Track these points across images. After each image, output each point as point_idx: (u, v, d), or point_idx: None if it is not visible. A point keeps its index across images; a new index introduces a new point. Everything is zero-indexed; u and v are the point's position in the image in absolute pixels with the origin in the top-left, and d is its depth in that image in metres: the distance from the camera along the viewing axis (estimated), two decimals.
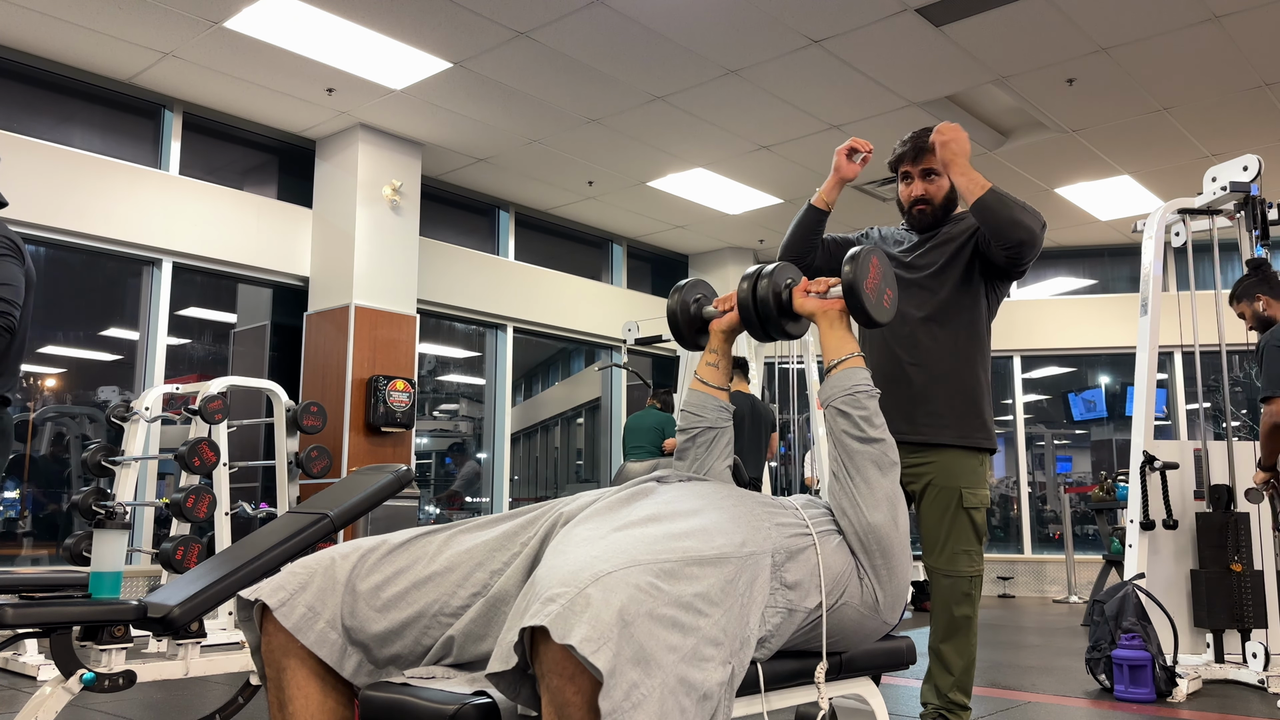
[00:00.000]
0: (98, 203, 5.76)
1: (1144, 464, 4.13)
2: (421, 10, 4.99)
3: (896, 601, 1.65)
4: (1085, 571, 8.43)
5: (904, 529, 1.66)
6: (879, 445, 1.69)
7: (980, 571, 2.52)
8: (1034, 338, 9.17)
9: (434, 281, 7.30)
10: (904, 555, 1.65)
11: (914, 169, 2.61)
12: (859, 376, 1.74)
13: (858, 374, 1.74)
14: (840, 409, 1.72)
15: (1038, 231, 2.43)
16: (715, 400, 1.92)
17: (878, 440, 1.69)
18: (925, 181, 2.59)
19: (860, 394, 1.72)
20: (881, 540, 1.62)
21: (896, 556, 1.63)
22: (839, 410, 1.72)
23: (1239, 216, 4.26)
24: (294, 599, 1.41)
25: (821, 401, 1.78)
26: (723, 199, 7.88)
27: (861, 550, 1.62)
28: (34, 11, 5.07)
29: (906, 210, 2.65)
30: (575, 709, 1.12)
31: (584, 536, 1.33)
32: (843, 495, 1.67)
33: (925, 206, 2.60)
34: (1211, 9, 4.95)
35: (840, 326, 1.81)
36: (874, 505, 1.63)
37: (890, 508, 1.64)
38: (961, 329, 2.57)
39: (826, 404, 1.75)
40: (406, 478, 2.33)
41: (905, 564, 1.66)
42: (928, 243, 2.63)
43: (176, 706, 3.46)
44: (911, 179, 2.62)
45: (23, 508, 5.91)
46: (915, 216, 2.63)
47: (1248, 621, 3.96)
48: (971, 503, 2.50)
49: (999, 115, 6.51)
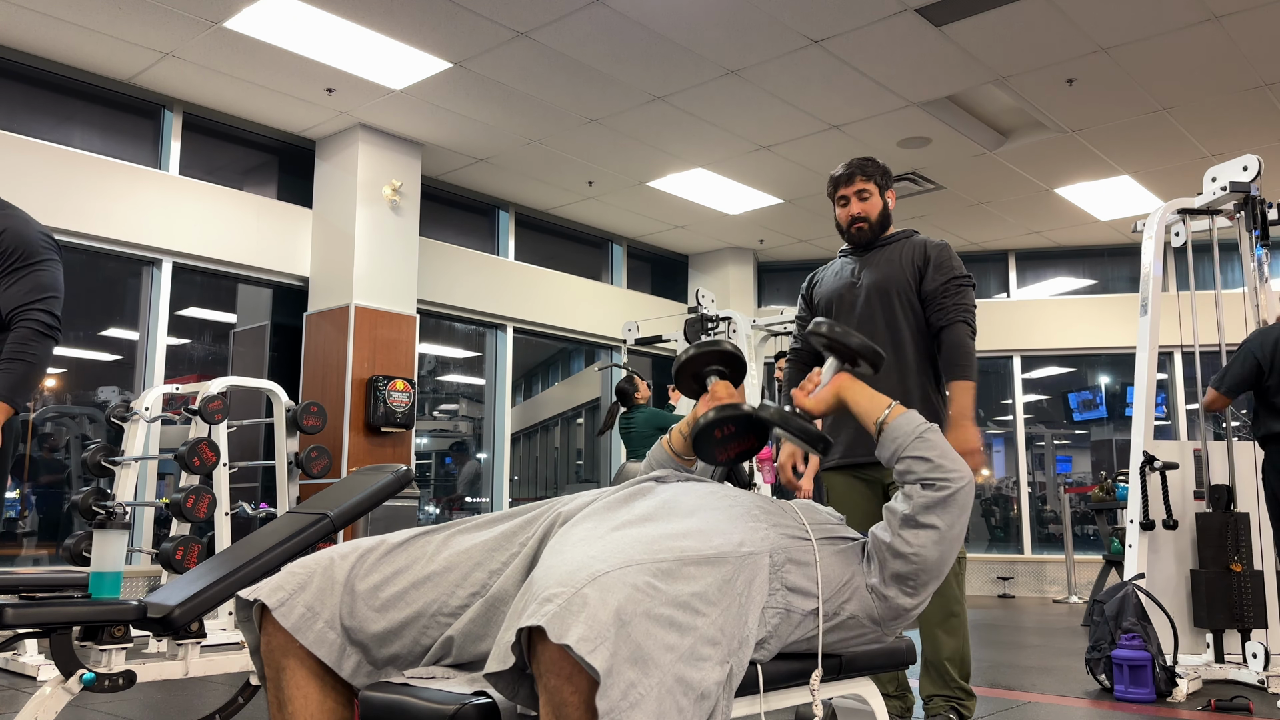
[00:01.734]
0: (98, 203, 5.76)
1: (1144, 464, 4.13)
2: (421, 10, 4.99)
3: (901, 623, 1.62)
4: (1085, 571, 8.43)
5: (950, 565, 1.59)
6: (955, 482, 1.55)
7: (963, 555, 2.76)
8: (1034, 338, 9.17)
9: (434, 281, 7.31)
10: (935, 585, 1.59)
11: (849, 191, 2.94)
12: (916, 419, 1.62)
13: (914, 417, 1.62)
14: (916, 455, 1.57)
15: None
16: (678, 466, 1.84)
17: (951, 478, 1.55)
18: (860, 201, 2.93)
19: (927, 433, 1.60)
20: (928, 571, 1.55)
21: (930, 587, 1.57)
22: (915, 457, 1.57)
23: (1239, 216, 4.26)
24: (293, 599, 1.41)
25: (885, 461, 1.63)
26: (723, 199, 7.89)
27: (895, 578, 1.55)
28: (34, 11, 5.07)
29: (846, 230, 2.97)
30: (573, 709, 1.12)
31: (581, 536, 1.34)
32: (908, 529, 1.55)
33: (863, 224, 2.93)
34: (1211, 9, 4.95)
35: (858, 388, 1.71)
36: (936, 541, 1.54)
37: (952, 548, 1.55)
38: (914, 347, 2.85)
39: (900, 456, 1.59)
40: (406, 478, 2.33)
41: (930, 594, 1.60)
42: (870, 262, 2.95)
43: (176, 707, 3.46)
44: (848, 201, 2.94)
45: (23, 508, 5.91)
46: (854, 234, 2.96)
47: (1247, 621, 3.96)
48: None
49: (999, 115, 6.51)
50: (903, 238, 2.95)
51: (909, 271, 2.87)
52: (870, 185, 2.91)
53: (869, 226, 2.92)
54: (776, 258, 9.61)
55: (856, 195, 2.92)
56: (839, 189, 2.95)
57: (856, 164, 2.93)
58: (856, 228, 2.93)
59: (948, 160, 7.00)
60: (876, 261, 2.92)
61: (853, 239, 2.97)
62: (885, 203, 2.94)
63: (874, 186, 2.92)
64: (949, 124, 6.34)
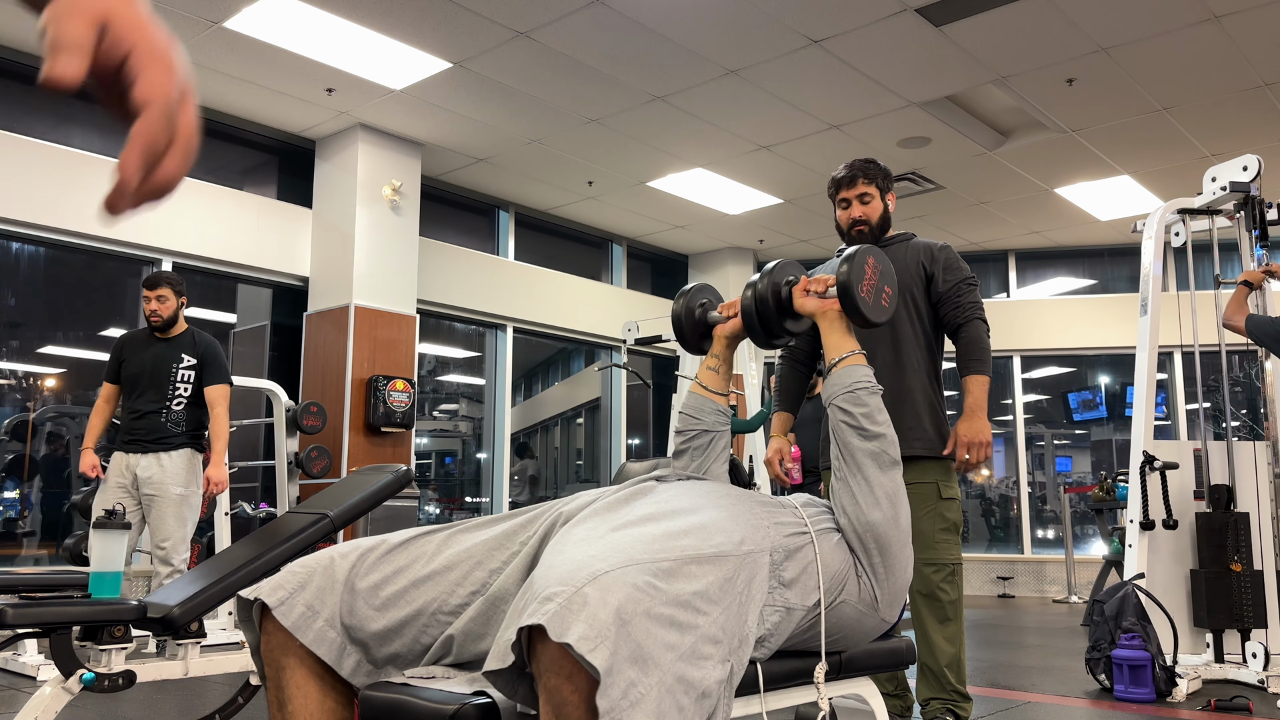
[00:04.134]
0: (98, 203, 5.75)
1: (1144, 464, 4.13)
2: (421, 10, 4.99)
3: (895, 599, 1.65)
4: (1085, 571, 8.43)
5: (905, 527, 1.66)
6: (878, 441, 1.68)
7: (960, 560, 2.80)
8: (1034, 338, 9.17)
9: (434, 281, 7.31)
10: (903, 553, 1.65)
11: (850, 194, 2.93)
12: (860, 373, 1.74)
13: (858, 370, 1.75)
14: (841, 406, 1.72)
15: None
16: (714, 404, 1.93)
17: (877, 436, 1.69)
18: (862, 205, 2.92)
19: (861, 390, 1.72)
20: (880, 538, 1.62)
21: (895, 554, 1.63)
22: (840, 408, 1.73)
23: (1239, 216, 4.27)
24: (293, 598, 1.41)
25: (825, 400, 1.78)
26: (723, 199, 7.88)
27: (860, 548, 1.62)
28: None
29: (846, 232, 2.96)
30: (573, 708, 1.12)
31: (582, 536, 1.34)
32: (843, 492, 1.67)
33: (864, 227, 2.92)
34: (1211, 9, 4.95)
35: (840, 326, 1.81)
36: (873, 503, 1.63)
37: (891, 505, 1.64)
38: (915, 346, 2.86)
39: (828, 403, 1.76)
40: (406, 478, 2.33)
41: (905, 562, 1.66)
42: None
43: (176, 706, 3.46)
44: (849, 204, 2.94)
45: (23, 508, 5.91)
46: (855, 237, 2.94)
47: (1247, 621, 3.96)
48: (948, 493, 2.78)
49: (999, 115, 6.51)
50: (902, 240, 2.96)
51: (914, 272, 2.88)
52: (872, 188, 2.91)
53: (869, 230, 2.92)
54: (776, 258, 9.59)
55: (858, 199, 2.92)
56: (840, 191, 2.95)
57: (859, 166, 2.92)
58: (857, 230, 2.93)
59: (948, 160, 7.00)
60: None
61: (853, 242, 2.96)
62: (886, 206, 2.94)
63: (875, 189, 2.92)
64: (949, 124, 6.35)
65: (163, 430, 4.07)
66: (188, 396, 4.14)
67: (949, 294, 2.85)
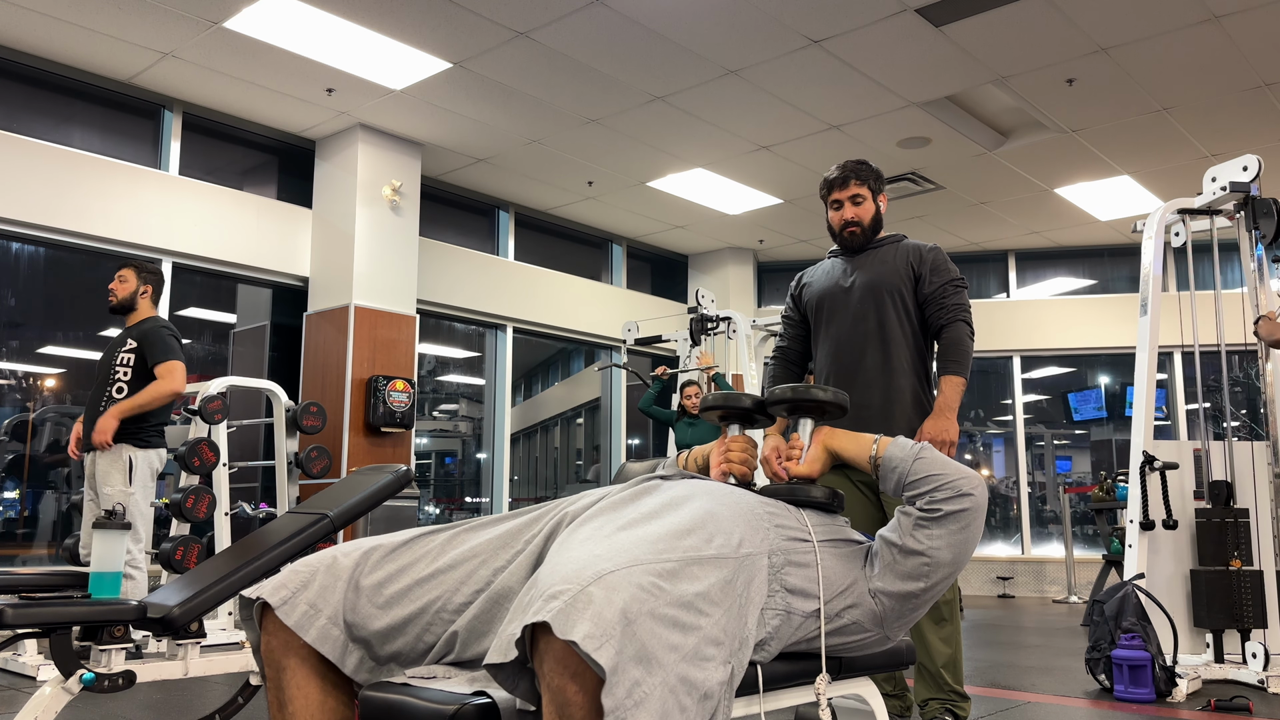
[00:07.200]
0: (98, 203, 5.76)
1: (1144, 464, 4.13)
2: (421, 10, 4.99)
3: (906, 624, 1.63)
4: (1085, 571, 8.43)
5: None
6: (967, 487, 1.57)
7: None
8: (1034, 338, 9.17)
9: (434, 281, 7.31)
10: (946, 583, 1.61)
11: (843, 195, 2.94)
12: (905, 444, 1.64)
13: (903, 443, 1.65)
14: (919, 477, 1.59)
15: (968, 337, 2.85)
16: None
17: (967, 482, 1.57)
18: (854, 206, 2.93)
19: (922, 453, 1.62)
20: (944, 578, 1.57)
21: (938, 592, 1.59)
22: (920, 479, 1.59)
23: (1239, 216, 4.27)
24: (295, 597, 1.41)
25: (892, 492, 1.64)
26: (723, 199, 7.88)
27: (909, 577, 1.56)
28: (34, 11, 5.07)
29: (838, 233, 2.97)
30: (577, 707, 1.12)
31: (587, 535, 1.34)
32: (923, 536, 1.56)
33: (855, 228, 2.94)
34: (1211, 9, 4.95)
35: (843, 433, 1.74)
36: (954, 544, 1.57)
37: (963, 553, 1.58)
38: (905, 347, 2.87)
39: (899, 488, 1.61)
40: (406, 478, 2.33)
41: (938, 594, 1.61)
42: (862, 263, 2.95)
43: (176, 706, 3.46)
44: (841, 205, 2.95)
45: (23, 508, 5.91)
46: (846, 238, 2.96)
47: (1247, 621, 3.96)
48: None
49: (999, 115, 6.51)
50: (893, 241, 2.97)
51: (903, 273, 2.88)
52: (864, 190, 2.92)
53: (861, 231, 2.93)
54: (776, 258, 9.62)
55: (850, 200, 2.93)
56: (832, 192, 2.96)
57: (851, 168, 2.93)
58: (849, 232, 2.94)
59: (947, 160, 7.00)
60: (869, 263, 2.94)
61: (845, 243, 2.97)
62: (878, 207, 2.95)
63: (867, 191, 2.93)
64: (949, 124, 6.35)
65: None
66: (127, 382, 3.91)
67: (934, 295, 2.86)
